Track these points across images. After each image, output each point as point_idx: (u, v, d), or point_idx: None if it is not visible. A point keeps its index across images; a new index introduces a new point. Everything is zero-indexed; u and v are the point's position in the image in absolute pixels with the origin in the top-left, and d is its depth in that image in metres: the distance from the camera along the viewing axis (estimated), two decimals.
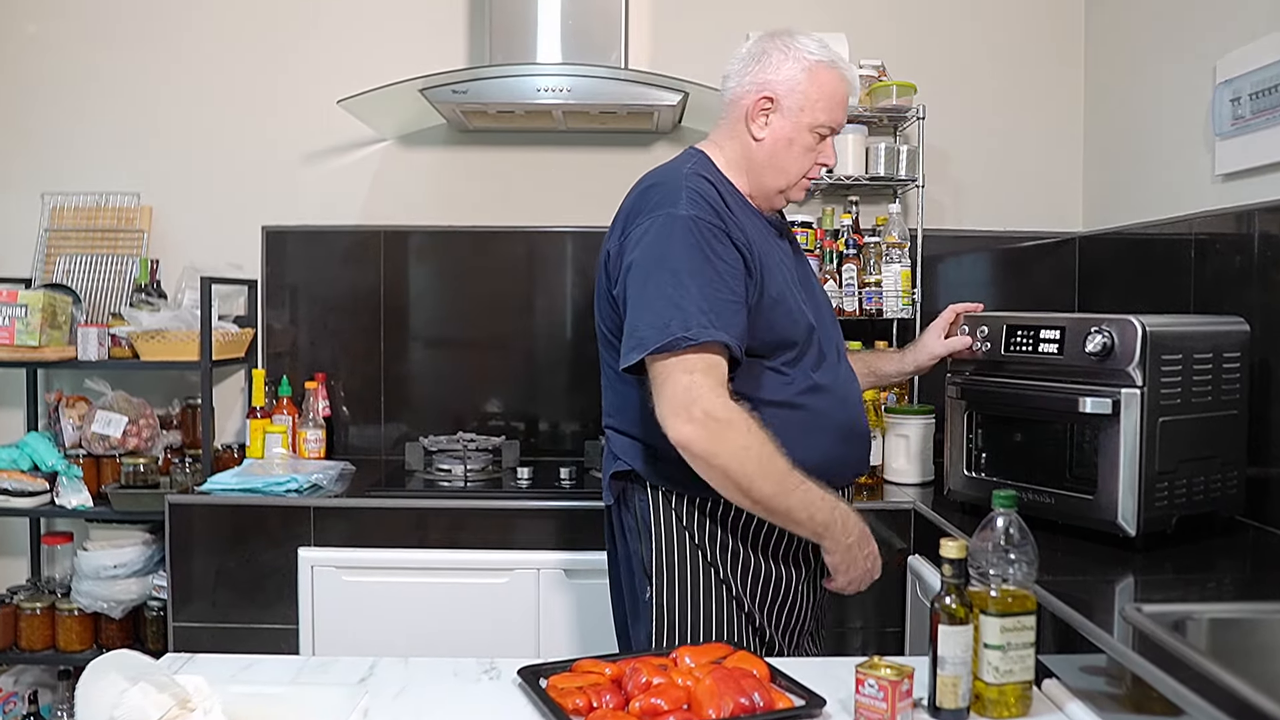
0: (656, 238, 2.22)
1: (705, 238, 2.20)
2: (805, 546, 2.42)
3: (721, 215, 2.25)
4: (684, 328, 2.12)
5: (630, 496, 2.44)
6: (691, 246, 2.19)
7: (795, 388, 2.33)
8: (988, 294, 4.12)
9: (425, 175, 4.18)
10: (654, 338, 2.14)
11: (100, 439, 3.83)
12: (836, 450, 2.40)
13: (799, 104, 2.36)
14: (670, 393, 2.14)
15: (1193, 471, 2.62)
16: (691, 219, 2.21)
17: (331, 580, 3.33)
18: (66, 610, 3.80)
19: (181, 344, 3.75)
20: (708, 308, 2.14)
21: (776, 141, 2.39)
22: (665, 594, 2.38)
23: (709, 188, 2.30)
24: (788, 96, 2.36)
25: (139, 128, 4.17)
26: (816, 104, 2.37)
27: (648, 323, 2.16)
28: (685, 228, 2.20)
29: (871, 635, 3.34)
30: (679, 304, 2.14)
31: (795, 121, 2.37)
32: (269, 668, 2.10)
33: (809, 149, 2.40)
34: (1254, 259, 2.93)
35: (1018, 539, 1.77)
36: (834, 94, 2.39)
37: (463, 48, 4.14)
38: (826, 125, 2.39)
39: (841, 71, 2.41)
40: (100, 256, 4.11)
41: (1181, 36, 3.40)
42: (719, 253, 2.20)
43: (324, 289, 4.18)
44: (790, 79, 2.37)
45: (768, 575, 2.38)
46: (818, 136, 2.39)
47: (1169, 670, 1.68)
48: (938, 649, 1.75)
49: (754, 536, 2.36)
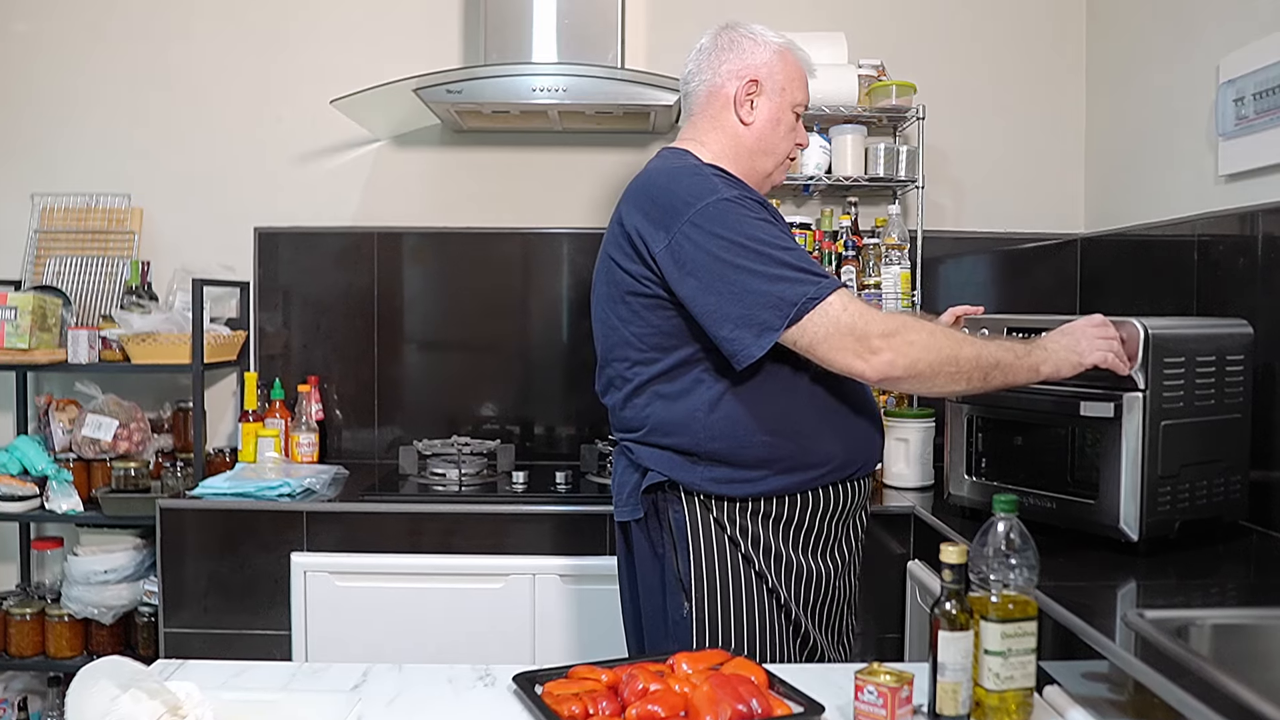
0: (716, 227, 2.21)
1: (758, 212, 2.26)
2: (841, 540, 2.43)
3: (747, 193, 2.32)
4: (804, 293, 2.14)
5: (664, 509, 2.38)
6: (755, 221, 2.22)
7: (815, 375, 2.32)
8: (988, 296, 4.13)
9: (419, 176, 4.18)
10: (778, 316, 2.15)
11: (91, 443, 3.83)
12: (869, 435, 2.43)
13: (780, 84, 2.45)
14: (838, 344, 2.16)
15: (1195, 476, 2.62)
16: (738, 199, 2.25)
17: (324, 585, 3.33)
18: (56, 616, 3.80)
19: (173, 346, 3.75)
20: (805, 264, 2.19)
21: (765, 123, 2.45)
22: (707, 606, 2.34)
23: (726, 174, 2.35)
24: (769, 79, 2.45)
25: (130, 128, 4.17)
26: (794, 83, 2.48)
27: (761, 304, 2.16)
28: (739, 208, 2.23)
29: (871, 641, 3.34)
30: (782, 275, 2.16)
31: (779, 102, 2.46)
32: (261, 674, 2.09)
33: (791, 128, 2.50)
34: (1257, 261, 2.93)
35: (1019, 544, 1.77)
36: (802, 74, 2.51)
37: (457, 47, 4.14)
38: (802, 104, 2.51)
39: (799, 54, 2.52)
40: (91, 258, 4.11)
41: (1184, 35, 3.40)
42: (767, 219, 2.26)
43: (317, 291, 4.18)
44: (767, 62, 2.46)
45: (811, 574, 2.38)
46: (795, 116, 2.49)
47: (1172, 677, 1.68)
48: (938, 655, 1.75)
49: (794, 536, 2.36)
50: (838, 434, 2.35)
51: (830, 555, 2.42)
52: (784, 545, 2.35)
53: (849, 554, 2.47)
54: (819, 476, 2.33)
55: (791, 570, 2.36)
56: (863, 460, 2.42)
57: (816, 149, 3.85)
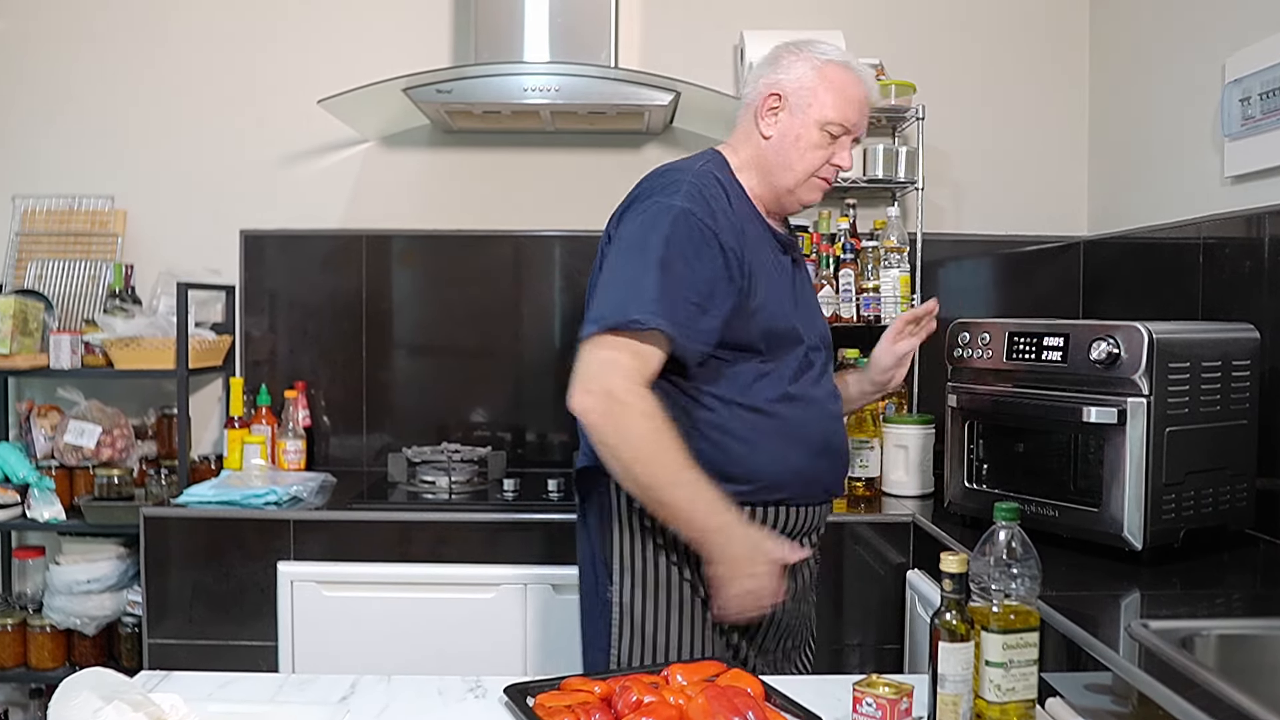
0: (645, 223, 2.29)
1: (690, 234, 2.26)
2: None
3: (717, 214, 2.31)
4: (636, 311, 2.19)
5: (593, 493, 2.47)
6: (673, 239, 2.25)
7: (770, 394, 2.36)
8: (989, 300, 4.14)
9: (409, 177, 4.18)
10: (610, 316, 2.21)
11: (73, 450, 3.82)
12: (809, 464, 2.41)
13: (806, 100, 2.41)
14: (585, 365, 2.23)
15: (1201, 483, 2.62)
16: (684, 212, 2.27)
17: (312, 595, 3.32)
18: (38, 627, 3.79)
19: (157, 351, 3.74)
20: (662, 298, 2.20)
21: (784, 138, 2.43)
22: (630, 593, 2.41)
23: (714, 186, 2.37)
24: (795, 94, 2.41)
25: (113, 128, 4.17)
26: (824, 100, 2.40)
27: (610, 301, 2.25)
28: (674, 219, 2.27)
29: (869, 652, 3.34)
30: (640, 288, 2.21)
31: (803, 118, 2.41)
32: (247, 686, 2.09)
33: (817, 146, 2.42)
34: (1264, 264, 2.94)
35: (1020, 553, 1.77)
36: (843, 90, 2.42)
37: (447, 46, 4.14)
38: (837, 123, 2.41)
39: (855, 71, 2.45)
40: (73, 261, 4.10)
41: (1189, 34, 3.41)
42: (699, 252, 2.26)
43: (304, 295, 4.17)
44: (799, 77, 2.42)
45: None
46: (828, 135, 2.42)
47: (1177, 689, 1.68)
48: (938, 666, 1.75)
49: None
50: (772, 457, 2.36)
51: None
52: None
53: (786, 581, 2.43)
54: (743, 493, 2.33)
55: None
56: (796, 488, 2.40)
57: None
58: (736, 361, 2.34)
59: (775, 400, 2.36)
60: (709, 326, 2.26)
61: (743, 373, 2.34)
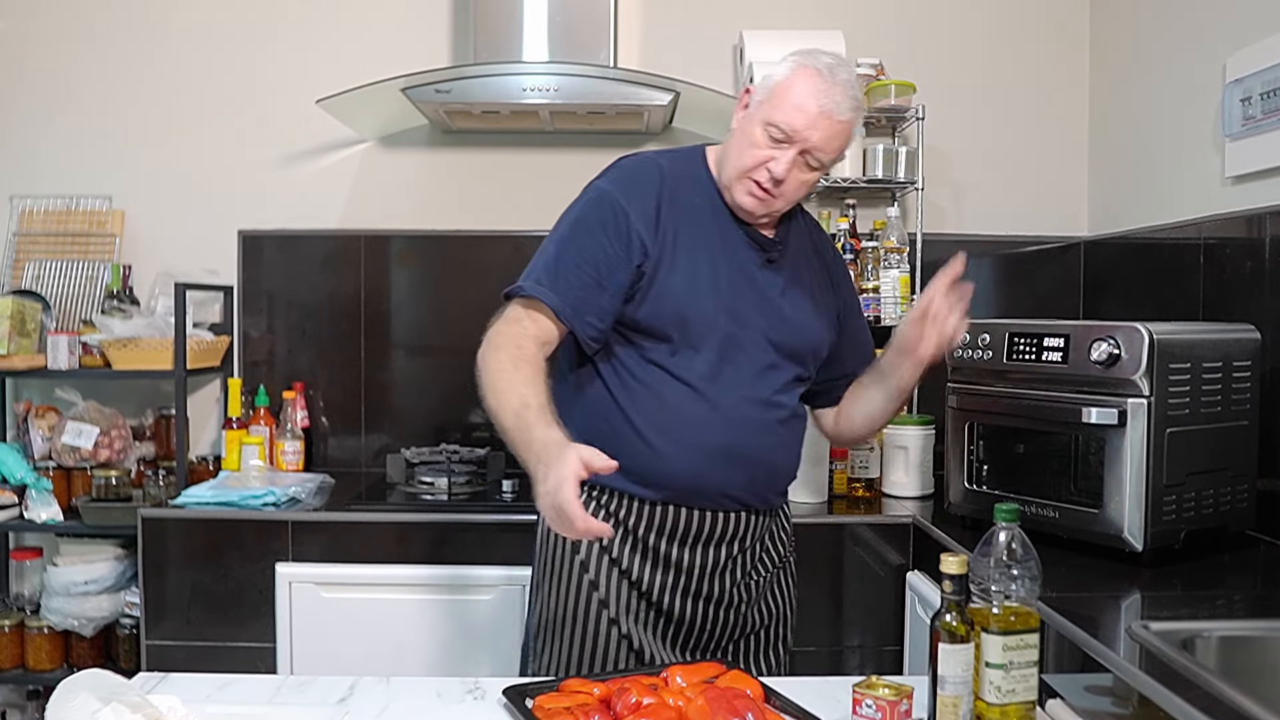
0: (573, 203, 2.42)
1: (601, 213, 2.34)
2: (683, 554, 2.40)
3: (634, 197, 2.35)
4: (525, 280, 2.35)
5: None
6: (582, 217, 2.36)
7: (673, 389, 2.34)
8: (990, 300, 4.13)
9: (407, 178, 4.18)
10: (513, 284, 2.37)
11: (71, 451, 3.82)
12: (703, 467, 2.35)
13: (760, 96, 2.35)
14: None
15: (1201, 484, 2.62)
16: (600, 192, 2.38)
17: (310, 597, 3.32)
18: (36, 628, 3.79)
19: (155, 352, 3.74)
20: (554, 272, 2.32)
21: (735, 132, 2.40)
22: (543, 585, 2.46)
23: (650, 171, 2.42)
24: (760, 90, 2.37)
25: (111, 128, 4.17)
26: (772, 100, 2.31)
27: (526, 271, 2.38)
28: (590, 198, 2.39)
29: (869, 654, 3.34)
30: (540, 261, 2.36)
31: (754, 114, 2.35)
32: (246, 687, 2.09)
33: (753, 144, 2.32)
34: (1265, 264, 2.94)
35: (1020, 554, 1.77)
36: (799, 96, 2.29)
37: (446, 46, 4.14)
38: (777, 125, 2.29)
39: (821, 82, 2.29)
40: (71, 262, 4.10)
41: (1190, 33, 3.41)
42: (605, 229, 2.32)
43: (302, 295, 4.17)
44: (772, 74, 2.36)
45: (636, 579, 2.38)
46: (767, 136, 2.30)
47: (1177, 690, 1.68)
48: (938, 668, 1.75)
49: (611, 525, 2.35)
50: (661, 452, 2.33)
51: (663, 564, 2.39)
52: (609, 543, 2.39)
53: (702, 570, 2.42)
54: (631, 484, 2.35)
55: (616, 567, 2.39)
56: (684, 490, 2.36)
57: None
58: (646, 349, 2.34)
59: (678, 395, 2.33)
60: (604, 304, 2.30)
61: (648, 359, 2.34)
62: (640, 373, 2.34)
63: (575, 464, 1.92)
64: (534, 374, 2.22)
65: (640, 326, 2.33)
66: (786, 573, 2.59)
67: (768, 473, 2.45)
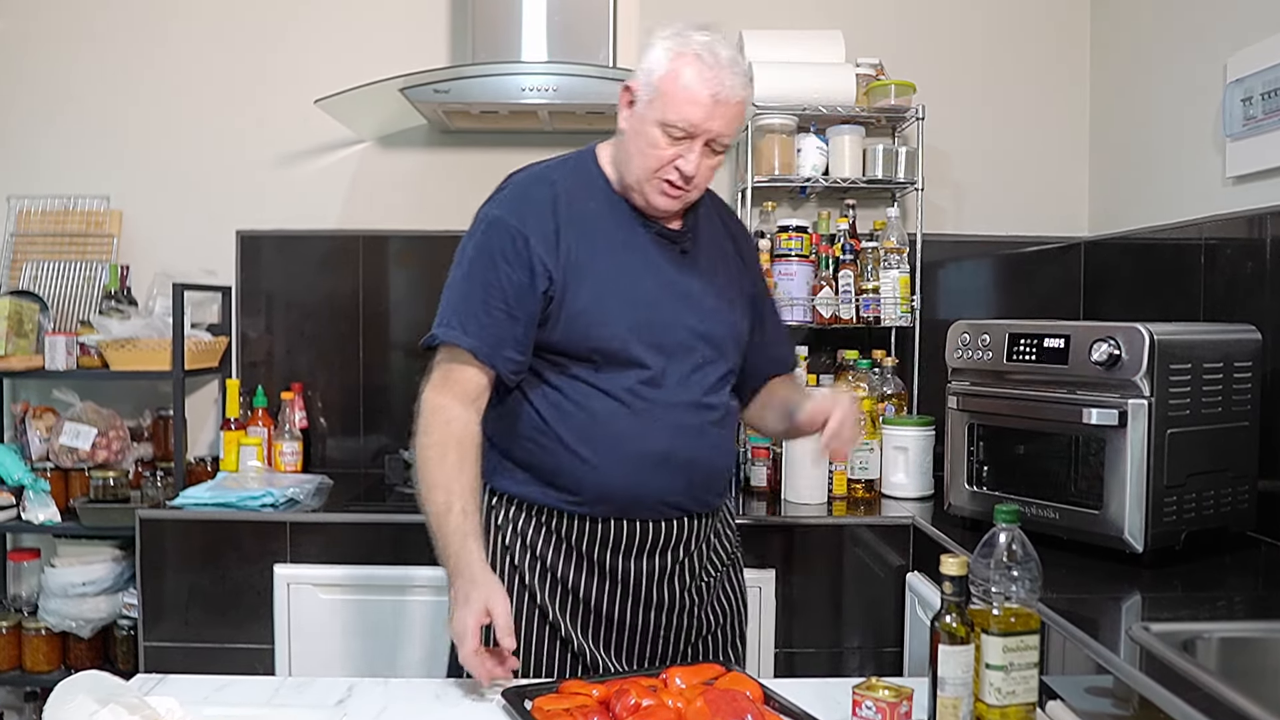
0: (468, 234, 2.36)
1: (498, 241, 2.28)
2: (629, 564, 2.36)
3: (529, 218, 2.28)
4: (438, 326, 2.30)
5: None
6: (480, 249, 2.30)
7: (599, 402, 2.29)
8: (990, 301, 4.14)
9: (406, 178, 4.18)
10: (430, 334, 2.32)
11: (68, 451, 3.82)
12: (642, 477, 2.31)
13: (647, 96, 2.26)
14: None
15: (1202, 485, 2.62)
16: (494, 219, 2.31)
17: (308, 598, 3.32)
18: (33, 629, 3.79)
19: (153, 353, 3.74)
20: (465, 312, 2.27)
21: (628, 134, 2.32)
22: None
23: (540, 187, 2.34)
24: (642, 89, 2.28)
25: (109, 128, 4.17)
26: (662, 99, 2.24)
27: (438, 315, 2.32)
28: (484, 227, 2.32)
29: (869, 655, 3.34)
30: (448, 303, 2.32)
31: (644, 114, 2.27)
32: (244, 689, 2.09)
33: (654, 146, 2.26)
34: (1266, 264, 2.94)
35: (1021, 555, 1.77)
36: (687, 89, 2.22)
37: (445, 45, 4.14)
38: (675, 125, 2.23)
39: (709, 68, 2.23)
40: (68, 262, 4.10)
41: (1190, 33, 3.41)
42: (506, 258, 2.27)
43: (301, 295, 4.17)
44: (648, 70, 2.27)
45: (583, 595, 2.35)
46: (668, 136, 2.25)
47: (1178, 692, 1.69)
48: (938, 669, 1.75)
49: (555, 542, 2.34)
50: (596, 467, 2.28)
51: (600, 569, 2.36)
52: (543, 549, 2.36)
53: (637, 574, 2.38)
54: (571, 503, 2.32)
55: (549, 573, 2.35)
56: (625, 502, 2.33)
57: (813, 150, 3.85)
58: (567, 365, 2.30)
59: (608, 409, 2.29)
60: (519, 335, 2.26)
61: (574, 377, 2.30)
62: (568, 389, 2.30)
63: (480, 615, 2.06)
64: (461, 460, 2.23)
65: (557, 349, 2.29)
66: (735, 570, 2.56)
67: (706, 475, 2.41)
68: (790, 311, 3.78)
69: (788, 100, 3.79)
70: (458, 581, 2.12)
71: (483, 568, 2.14)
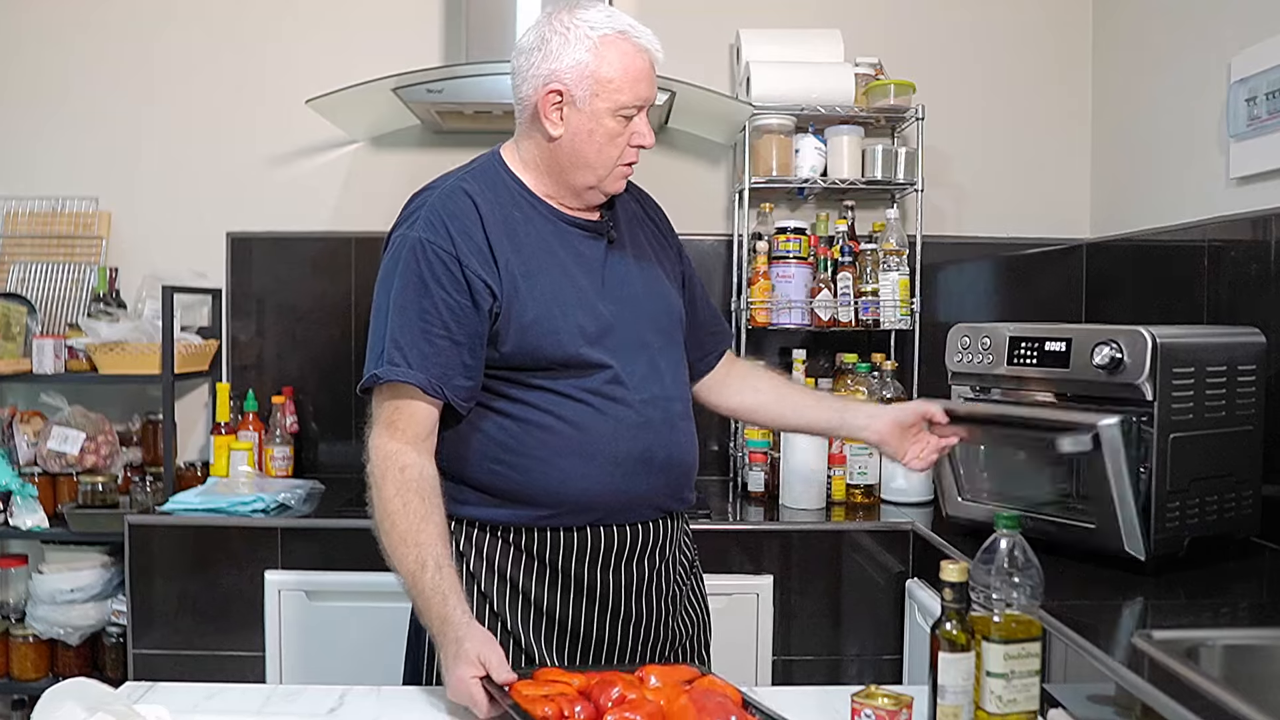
0: (388, 262, 2.25)
1: (427, 265, 2.19)
2: (596, 572, 2.31)
3: (457, 237, 2.20)
4: (377, 365, 2.17)
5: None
6: (409, 275, 2.20)
7: (565, 408, 2.24)
8: (991, 304, 4.14)
9: (398, 178, 4.14)
10: (366, 375, 2.20)
11: (56, 456, 3.81)
12: (622, 480, 2.26)
13: (591, 90, 2.20)
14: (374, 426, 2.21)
15: (1205, 491, 2.62)
16: (419, 242, 2.20)
17: (299, 605, 3.32)
18: (21, 636, 3.79)
19: (142, 356, 3.74)
20: (405, 344, 2.16)
21: (576, 136, 2.24)
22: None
23: (460, 201, 2.25)
24: (577, 85, 2.20)
25: (97, 129, 4.16)
26: (607, 87, 2.20)
27: (368, 355, 2.21)
28: (410, 253, 2.21)
29: (868, 663, 3.34)
30: (383, 337, 2.18)
31: (591, 110, 2.21)
32: (234, 697, 2.09)
33: (614, 136, 2.24)
34: (1270, 266, 2.94)
35: (1022, 562, 1.77)
36: (628, 69, 2.21)
37: (438, 45, 4.15)
38: (630, 106, 2.22)
39: (634, 39, 2.22)
40: (56, 265, 4.10)
41: (1194, 32, 3.42)
42: (440, 281, 2.18)
43: (292, 298, 4.17)
44: (576, 64, 2.20)
45: (547, 606, 2.29)
46: (622, 120, 2.23)
47: (1181, 700, 1.69)
48: (938, 677, 1.75)
49: (525, 561, 2.29)
50: (572, 475, 2.22)
51: (564, 583, 2.30)
52: (507, 568, 2.29)
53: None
54: (545, 517, 2.25)
55: (516, 593, 2.29)
56: (610, 507, 2.28)
57: (812, 150, 3.86)
58: (527, 378, 2.23)
59: (576, 414, 2.24)
60: (466, 360, 2.18)
61: (538, 387, 2.23)
62: (536, 401, 2.23)
63: (478, 669, 1.94)
64: (425, 509, 2.14)
65: (513, 364, 2.22)
66: (698, 580, 2.53)
67: (682, 470, 2.38)
68: (788, 314, 3.79)
69: (785, 100, 3.79)
70: (444, 641, 2.03)
71: (468, 622, 2.05)
